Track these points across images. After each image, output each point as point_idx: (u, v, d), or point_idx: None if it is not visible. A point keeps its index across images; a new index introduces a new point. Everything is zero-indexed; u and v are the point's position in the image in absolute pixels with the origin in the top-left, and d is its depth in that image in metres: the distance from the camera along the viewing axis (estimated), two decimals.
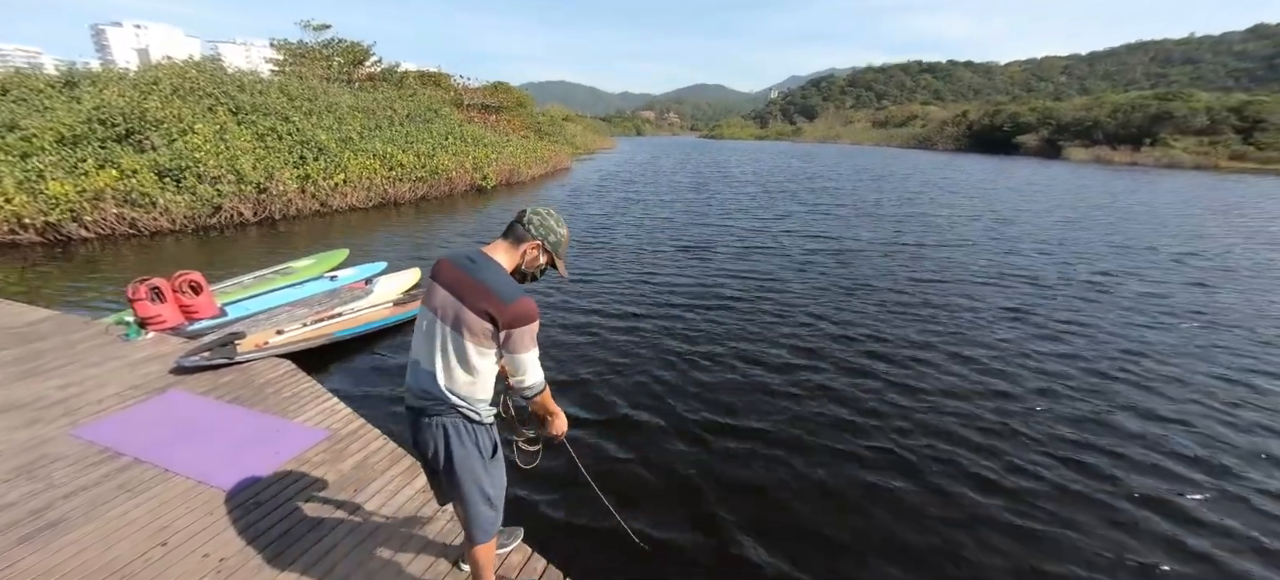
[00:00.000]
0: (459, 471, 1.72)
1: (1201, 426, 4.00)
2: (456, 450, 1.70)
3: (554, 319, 5.92)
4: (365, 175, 13.48)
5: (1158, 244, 10.80)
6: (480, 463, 1.75)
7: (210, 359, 3.98)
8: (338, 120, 15.19)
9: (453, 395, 1.65)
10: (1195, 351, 5.40)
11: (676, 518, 2.97)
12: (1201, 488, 3.32)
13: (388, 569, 2.25)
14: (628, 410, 4.03)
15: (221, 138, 11.44)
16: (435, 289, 1.66)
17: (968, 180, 24.69)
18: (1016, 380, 4.67)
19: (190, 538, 2.40)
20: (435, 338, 1.65)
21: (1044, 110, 56.89)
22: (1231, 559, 2.79)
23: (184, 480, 2.77)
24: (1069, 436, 3.83)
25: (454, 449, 1.70)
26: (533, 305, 1.63)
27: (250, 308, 5.22)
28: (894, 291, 7.19)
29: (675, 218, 12.95)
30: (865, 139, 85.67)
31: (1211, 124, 43.94)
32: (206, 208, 10.26)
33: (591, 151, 44.56)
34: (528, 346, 1.65)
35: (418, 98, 21.82)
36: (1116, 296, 7.18)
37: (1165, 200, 18.43)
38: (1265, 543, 2.89)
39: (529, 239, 1.75)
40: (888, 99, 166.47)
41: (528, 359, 1.67)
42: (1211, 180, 27.52)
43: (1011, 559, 2.74)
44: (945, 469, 3.45)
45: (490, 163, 18.48)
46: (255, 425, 3.30)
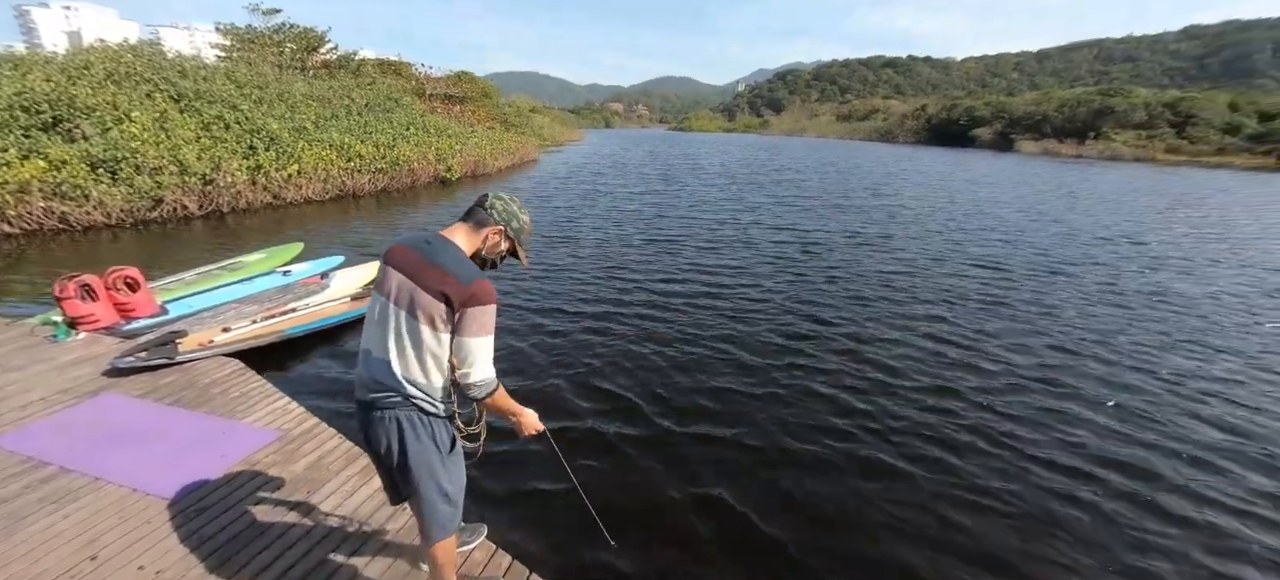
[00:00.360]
0: (414, 467, 1.62)
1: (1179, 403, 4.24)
2: (412, 445, 1.60)
3: (519, 314, 5.81)
4: (321, 166, 12.91)
5: (1121, 233, 11.40)
6: (437, 457, 1.66)
7: (148, 359, 3.73)
8: (290, 109, 14.48)
9: (408, 384, 1.56)
10: (1160, 334, 5.73)
11: (646, 515, 2.93)
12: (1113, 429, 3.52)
13: (343, 572, 2.16)
14: (593, 405, 3.98)
15: (162, 127, 10.74)
16: (389, 273, 1.58)
17: (929, 173, 25.56)
18: (985, 369, 4.83)
19: (124, 549, 2.24)
20: (389, 323, 1.56)
21: (997, 105, 59.34)
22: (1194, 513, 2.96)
23: (117, 489, 2.58)
24: (1046, 423, 4.00)
25: (409, 444, 1.60)
26: (492, 289, 1.56)
27: (194, 305, 4.92)
28: (863, 281, 7.36)
29: (644, 210, 12.92)
30: (830, 132, 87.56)
31: (1149, 119, 46.68)
32: (146, 201, 9.62)
33: (559, 143, 44.00)
34: (480, 331, 1.53)
35: (377, 87, 21.01)
36: (1078, 282, 7.58)
37: (1118, 192, 19.48)
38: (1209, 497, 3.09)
39: (491, 224, 1.69)
40: (851, 92, 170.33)
41: (477, 345, 1.54)
42: (1151, 171, 29.28)
43: (993, 547, 2.77)
44: (905, 452, 3.55)
45: (454, 154, 18.00)
46: (198, 428, 3.11)
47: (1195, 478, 3.36)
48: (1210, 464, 3.50)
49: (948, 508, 3.01)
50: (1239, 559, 2.75)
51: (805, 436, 3.65)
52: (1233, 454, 3.61)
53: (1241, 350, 5.37)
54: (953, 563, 2.65)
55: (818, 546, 2.73)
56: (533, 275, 7.13)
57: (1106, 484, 3.26)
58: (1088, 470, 3.39)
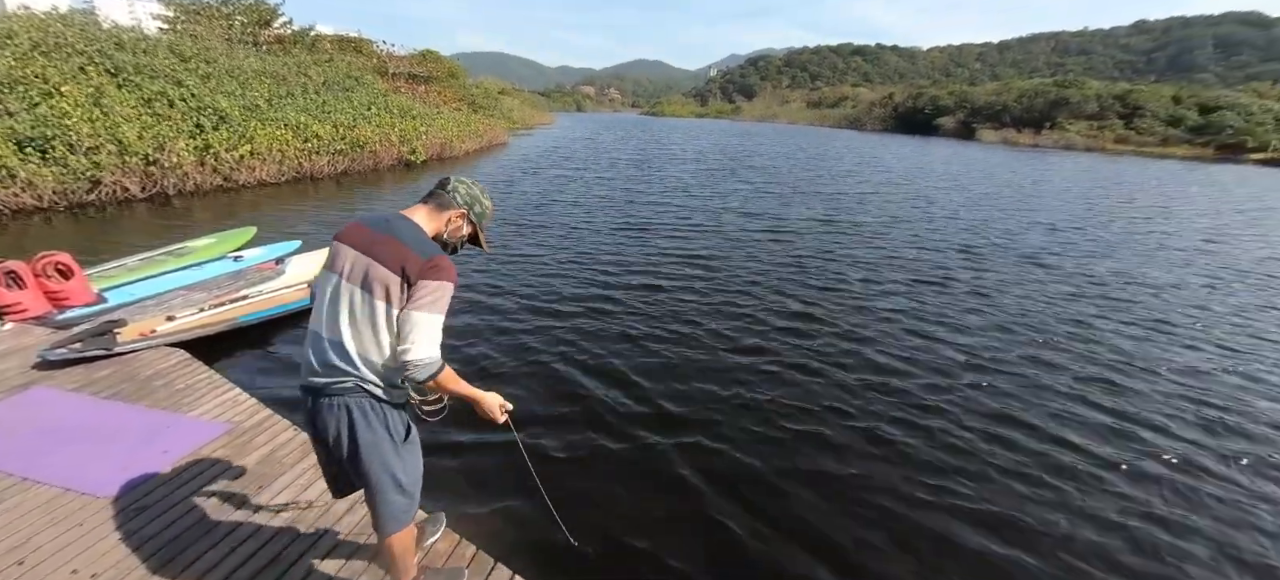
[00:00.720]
0: (366, 457, 1.55)
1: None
2: (362, 434, 1.53)
3: (485, 300, 5.70)
4: (276, 147, 12.30)
5: (1082, 220, 11.90)
6: (390, 447, 1.58)
7: (83, 350, 3.49)
8: (241, 86, 13.72)
9: (362, 365, 1.47)
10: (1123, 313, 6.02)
11: (608, 508, 2.89)
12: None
13: (297, 568, 2.08)
14: (560, 395, 3.92)
15: (97, 103, 10.01)
16: (342, 250, 1.50)
17: (897, 161, 26.11)
18: (948, 357, 4.95)
19: (56, 552, 2.10)
20: (341, 301, 1.47)
21: (960, 94, 61.06)
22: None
23: (48, 489, 2.42)
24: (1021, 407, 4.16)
25: (360, 433, 1.52)
26: (453, 268, 1.50)
27: (135, 293, 4.63)
28: (835, 270, 7.45)
29: (615, 195, 12.81)
30: (800, 118, 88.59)
31: (1100, 110, 48.79)
32: (82, 182, 8.99)
33: (530, 127, 43.18)
34: (430, 307, 1.43)
35: (335, 64, 20.12)
36: (1050, 269, 7.92)
37: (1080, 182, 20.30)
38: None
39: (454, 206, 1.64)
40: (821, 79, 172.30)
41: (423, 320, 1.42)
42: (1102, 161, 30.64)
43: (972, 541, 2.78)
44: (876, 440, 3.64)
45: (419, 136, 17.44)
46: (139, 423, 2.93)
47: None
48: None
49: (922, 496, 3.06)
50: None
51: (772, 423, 3.69)
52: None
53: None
54: (927, 551, 2.72)
55: (781, 534, 2.75)
56: (498, 263, 6.97)
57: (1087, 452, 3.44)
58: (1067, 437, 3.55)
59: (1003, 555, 2.67)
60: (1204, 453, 3.55)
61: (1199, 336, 5.57)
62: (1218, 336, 5.56)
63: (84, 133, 9.18)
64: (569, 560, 2.47)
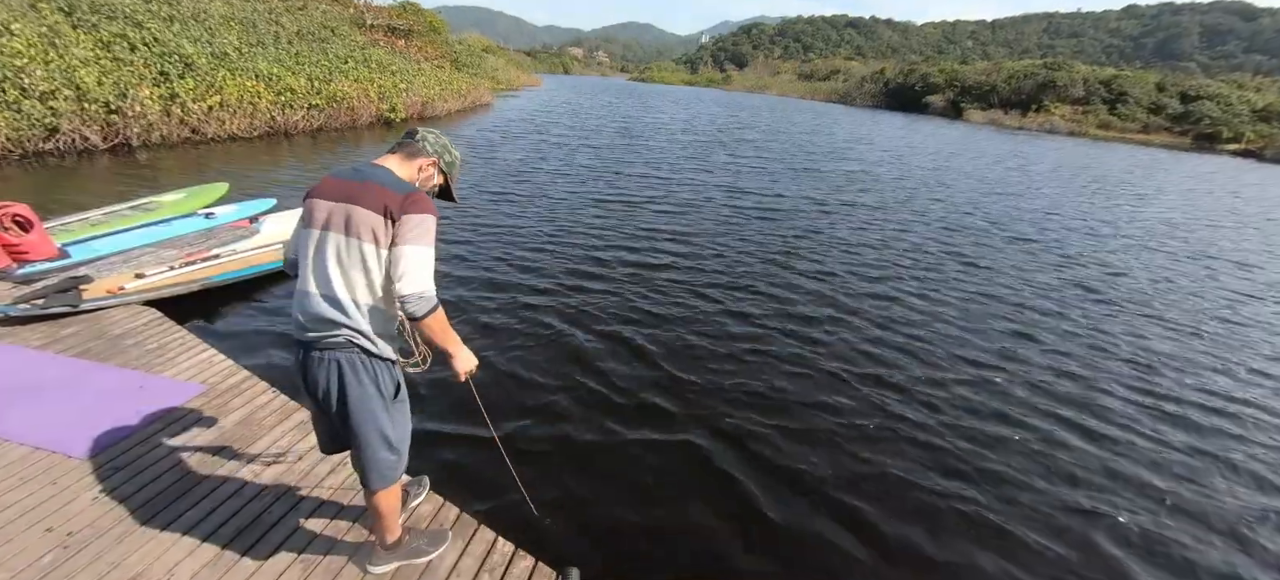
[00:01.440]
0: (355, 412, 1.56)
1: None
2: (352, 389, 1.54)
3: (463, 269, 5.62)
4: (247, 99, 11.77)
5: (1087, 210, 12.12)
6: (380, 403, 1.59)
7: (46, 306, 3.37)
8: (208, 32, 13.00)
9: (355, 313, 1.48)
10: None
11: (580, 480, 2.93)
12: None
13: (279, 529, 2.08)
14: (538, 369, 3.87)
15: (51, 43, 9.41)
16: (318, 204, 1.50)
17: (888, 139, 26.08)
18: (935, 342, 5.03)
19: (28, 512, 2.06)
20: (327, 252, 1.47)
21: (951, 72, 60.85)
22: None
23: (15, 447, 2.36)
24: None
25: (350, 388, 1.54)
26: (431, 201, 1.54)
27: (100, 249, 4.45)
28: (823, 252, 7.44)
29: (603, 167, 12.63)
30: (791, 91, 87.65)
31: (1086, 94, 49.22)
32: (37, 129, 8.51)
33: (515, 88, 41.94)
34: (418, 239, 1.45)
35: (309, 12, 19.15)
36: (1036, 255, 8.12)
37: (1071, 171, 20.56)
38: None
39: (424, 155, 1.65)
40: (814, 51, 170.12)
41: (414, 252, 1.43)
42: (1087, 146, 31.06)
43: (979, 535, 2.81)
44: (861, 429, 3.74)
45: (399, 93, 16.83)
46: (110, 382, 2.86)
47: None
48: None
49: (911, 480, 3.13)
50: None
51: (740, 397, 3.77)
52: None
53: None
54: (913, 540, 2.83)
55: (756, 539, 2.71)
56: (479, 234, 6.87)
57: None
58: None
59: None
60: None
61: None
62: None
63: (38, 76, 8.65)
64: (550, 527, 2.52)
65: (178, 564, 1.90)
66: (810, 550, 2.59)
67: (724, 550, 2.55)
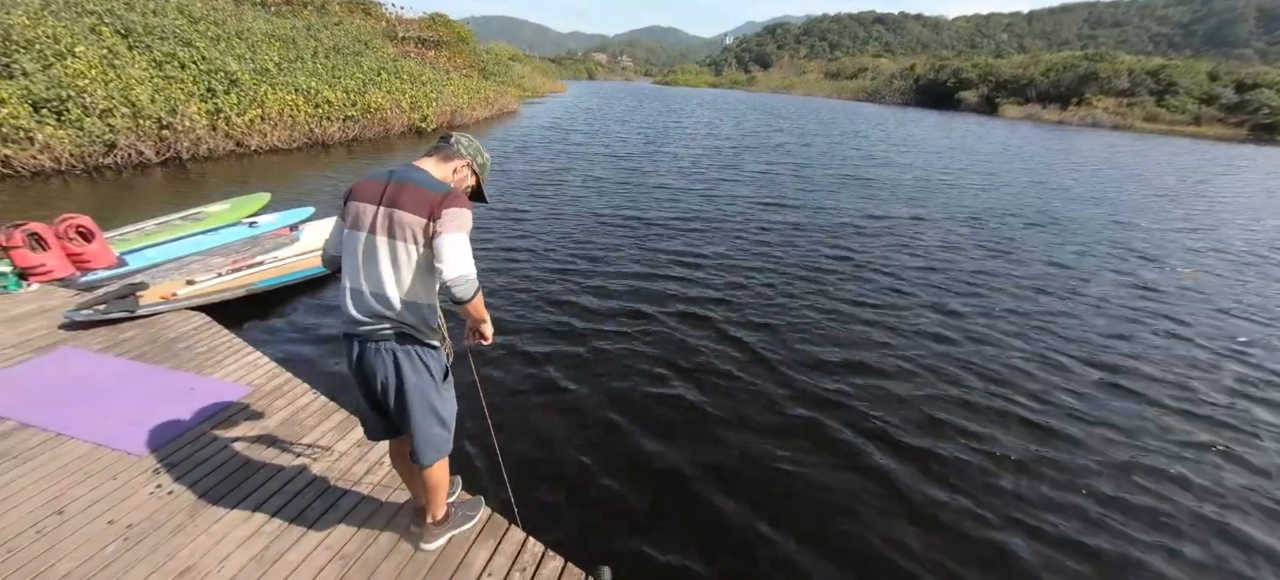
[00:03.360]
0: (411, 394, 1.70)
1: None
2: (408, 375, 1.68)
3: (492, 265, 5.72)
4: (286, 112, 12.28)
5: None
6: (432, 384, 1.74)
7: (107, 312, 3.58)
8: (250, 49, 13.62)
9: (404, 309, 1.60)
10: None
11: (605, 484, 2.98)
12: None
13: (320, 525, 2.16)
14: (551, 376, 3.83)
15: (110, 64, 10.01)
16: (361, 207, 1.59)
17: (930, 139, 24.92)
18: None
19: (91, 505, 2.20)
20: (377, 253, 1.57)
21: (985, 67, 58.94)
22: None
23: (81, 444, 2.52)
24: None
25: (407, 375, 1.67)
26: (467, 199, 1.65)
27: (154, 257, 4.71)
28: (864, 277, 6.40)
29: (627, 178, 12.62)
30: (817, 90, 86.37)
31: (1131, 86, 46.98)
32: (98, 145, 9.06)
33: (541, 94, 42.62)
34: (457, 228, 1.55)
35: (344, 27, 19.88)
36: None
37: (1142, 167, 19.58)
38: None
39: (459, 157, 1.75)
40: (840, 49, 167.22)
41: (453, 240, 1.54)
42: (1144, 141, 29.05)
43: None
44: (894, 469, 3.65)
45: (429, 102, 17.29)
46: (164, 383, 3.02)
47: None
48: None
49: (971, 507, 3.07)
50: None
51: (745, 447, 3.70)
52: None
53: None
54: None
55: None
56: (513, 237, 6.98)
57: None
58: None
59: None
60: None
61: None
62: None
63: (98, 94, 9.21)
64: (579, 528, 2.55)
65: (228, 557, 1.99)
66: (848, 559, 2.55)
67: (757, 554, 2.52)
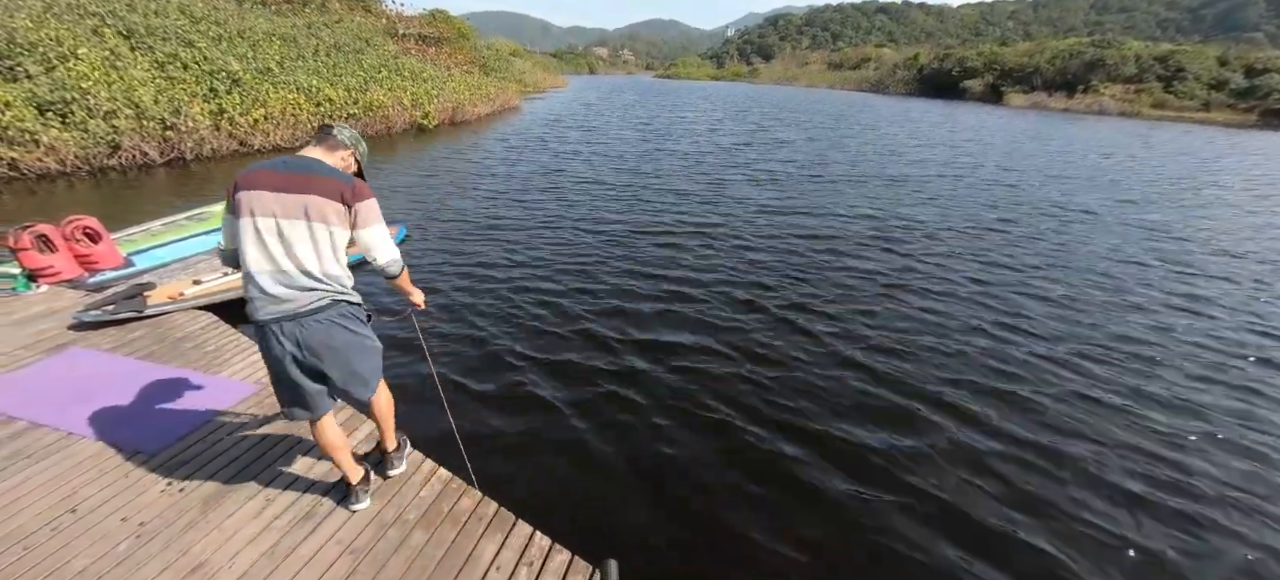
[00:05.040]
0: (351, 348, 1.91)
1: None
2: (346, 332, 1.88)
3: (470, 277, 5.73)
4: (289, 111, 12.31)
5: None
6: (364, 328, 1.99)
7: (115, 312, 3.61)
8: (252, 48, 13.64)
9: (329, 280, 1.77)
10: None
11: (611, 477, 3.00)
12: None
13: (330, 521, 2.18)
14: (523, 375, 3.76)
15: (113, 66, 10.05)
16: (259, 195, 1.68)
17: (938, 130, 24.13)
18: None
19: (104, 502, 2.22)
20: (295, 234, 1.71)
21: (990, 55, 58.28)
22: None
23: (92, 443, 2.55)
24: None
25: (346, 331, 1.88)
26: (368, 186, 1.88)
27: (160, 257, 4.74)
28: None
29: (627, 180, 12.43)
30: (820, 81, 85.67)
31: (1139, 73, 46.38)
32: (102, 146, 9.11)
33: (542, 90, 42.50)
34: (376, 220, 1.84)
35: (344, 25, 19.86)
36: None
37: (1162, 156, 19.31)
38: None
39: (344, 147, 1.95)
40: (843, 39, 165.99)
41: (378, 233, 1.85)
42: (1144, 127, 28.70)
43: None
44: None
45: (431, 99, 17.28)
46: (173, 382, 3.05)
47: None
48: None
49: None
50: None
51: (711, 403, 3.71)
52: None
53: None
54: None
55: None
56: (504, 245, 6.98)
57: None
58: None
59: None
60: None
61: None
62: None
63: (102, 96, 9.26)
64: (586, 521, 2.56)
65: (238, 552, 2.01)
66: (866, 554, 2.56)
67: (765, 552, 2.53)
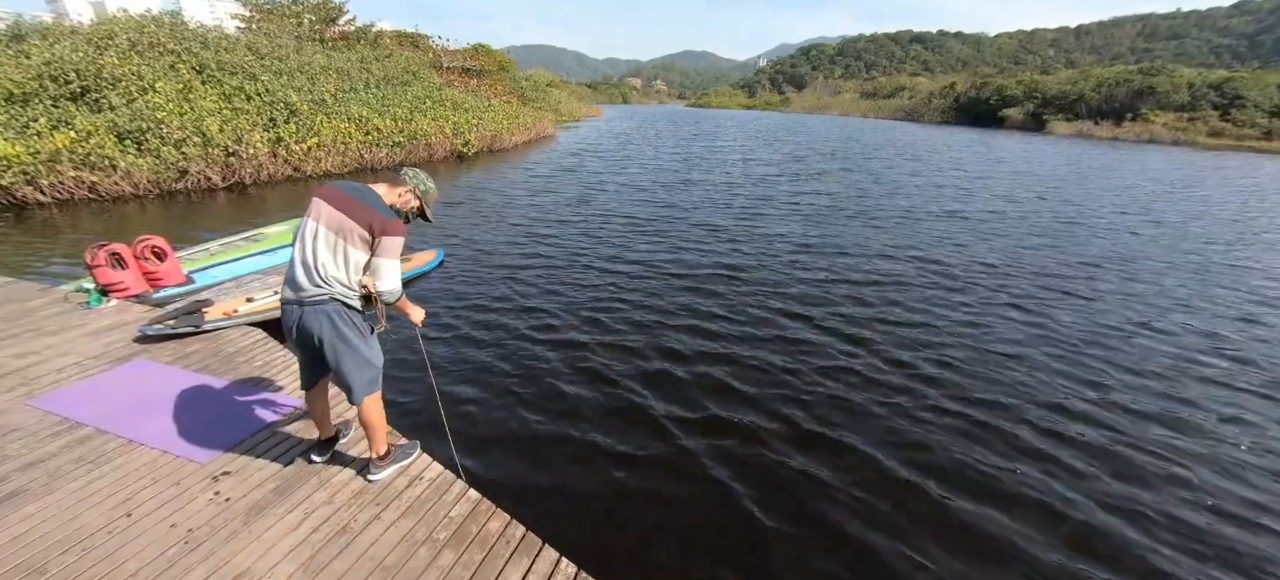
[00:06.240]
0: (342, 345, 2.16)
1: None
2: (341, 328, 2.14)
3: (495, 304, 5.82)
4: (340, 139, 13.02)
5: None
6: (358, 337, 2.21)
7: (176, 328, 3.84)
8: (310, 80, 14.56)
9: (336, 283, 2.09)
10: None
11: (638, 509, 2.97)
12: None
13: (366, 535, 2.23)
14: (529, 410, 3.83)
15: (185, 98, 10.90)
16: (322, 205, 2.07)
17: (983, 160, 22.04)
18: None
19: (157, 508, 2.34)
20: (321, 240, 2.06)
21: (1030, 83, 56.92)
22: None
23: (149, 451, 2.69)
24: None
25: (339, 328, 2.14)
26: (402, 227, 2.16)
27: (218, 275, 5.04)
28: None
29: (654, 213, 11.22)
30: (853, 110, 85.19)
31: (1192, 100, 44.46)
32: (171, 172, 9.83)
33: (577, 119, 43.71)
34: (390, 254, 2.11)
35: (394, 59, 20.99)
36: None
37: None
38: None
39: (405, 185, 2.28)
40: (877, 69, 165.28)
41: (387, 264, 2.11)
42: (1206, 157, 27.01)
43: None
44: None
45: (471, 128, 17.98)
46: (224, 395, 3.21)
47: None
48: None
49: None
50: None
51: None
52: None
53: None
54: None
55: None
56: (524, 271, 7.11)
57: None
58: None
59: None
60: None
61: None
62: None
63: (174, 126, 10.02)
64: (613, 548, 2.53)
65: (276, 565, 2.07)
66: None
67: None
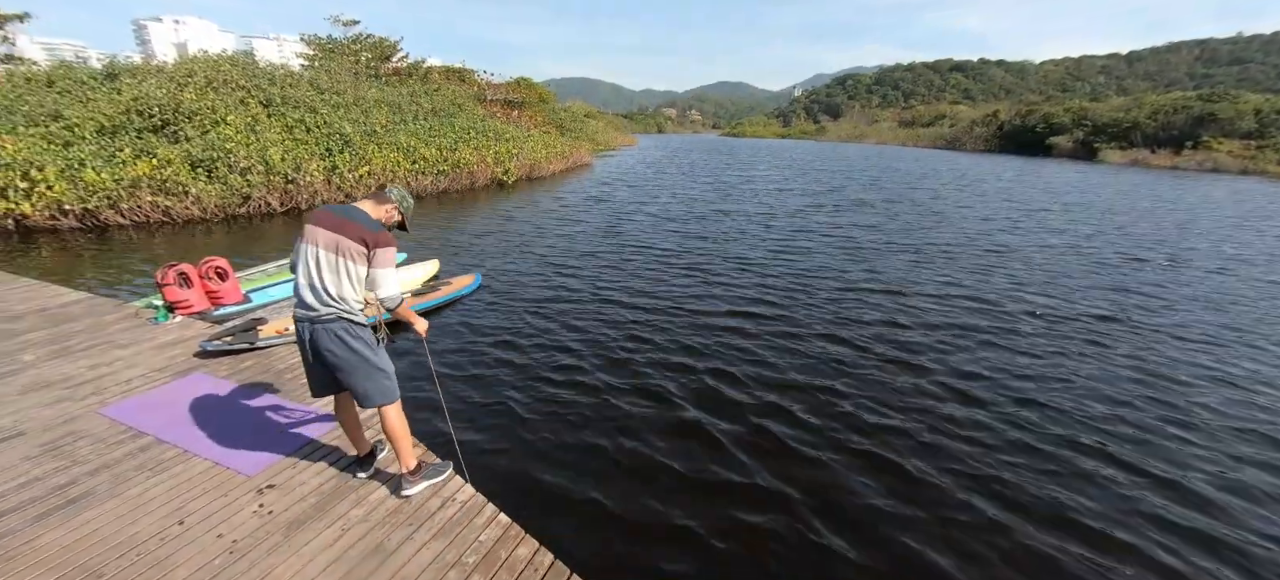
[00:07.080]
0: (354, 359, 2.32)
1: None
2: (350, 343, 2.30)
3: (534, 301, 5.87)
4: (388, 167, 13.69)
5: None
6: (368, 349, 2.36)
7: (232, 344, 4.05)
8: (364, 113, 15.46)
9: (341, 301, 2.25)
10: None
11: (665, 539, 2.90)
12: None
13: (403, 550, 2.25)
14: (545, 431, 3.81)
15: (253, 129, 11.74)
16: (317, 230, 2.26)
17: (1028, 191, 21.03)
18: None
19: (206, 518, 2.43)
20: (322, 262, 2.24)
21: (1079, 111, 54.90)
22: None
23: (202, 461, 2.81)
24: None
25: (351, 343, 2.30)
26: (393, 238, 2.35)
27: (273, 295, 5.32)
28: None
29: (681, 245, 10.37)
30: (891, 139, 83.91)
31: (1259, 127, 41.87)
32: (236, 197, 10.53)
33: (613, 148, 44.68)
34: (387, 263, 2.28)
35: (442, 92, 22.08)
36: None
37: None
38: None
39: (390, 202, 2.50)
40: (915, 98, 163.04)
41: (386, 273, 2.28)
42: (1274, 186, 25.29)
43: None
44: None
45: (511, 157, 18.60)
46: (273, 410, 3.34)
47: None
48: None
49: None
50: None
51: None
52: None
53: None
54: None
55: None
56: (548, 299, 7.18)
57: None
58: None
59: None
60: None
61: None
62: None
63: (241, 155, 10.78)
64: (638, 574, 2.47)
65: (314, 579, 2.11)
66: None
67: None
